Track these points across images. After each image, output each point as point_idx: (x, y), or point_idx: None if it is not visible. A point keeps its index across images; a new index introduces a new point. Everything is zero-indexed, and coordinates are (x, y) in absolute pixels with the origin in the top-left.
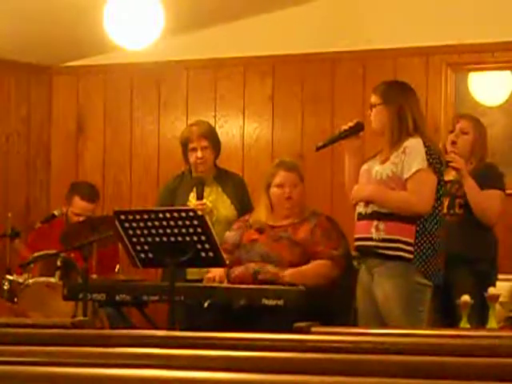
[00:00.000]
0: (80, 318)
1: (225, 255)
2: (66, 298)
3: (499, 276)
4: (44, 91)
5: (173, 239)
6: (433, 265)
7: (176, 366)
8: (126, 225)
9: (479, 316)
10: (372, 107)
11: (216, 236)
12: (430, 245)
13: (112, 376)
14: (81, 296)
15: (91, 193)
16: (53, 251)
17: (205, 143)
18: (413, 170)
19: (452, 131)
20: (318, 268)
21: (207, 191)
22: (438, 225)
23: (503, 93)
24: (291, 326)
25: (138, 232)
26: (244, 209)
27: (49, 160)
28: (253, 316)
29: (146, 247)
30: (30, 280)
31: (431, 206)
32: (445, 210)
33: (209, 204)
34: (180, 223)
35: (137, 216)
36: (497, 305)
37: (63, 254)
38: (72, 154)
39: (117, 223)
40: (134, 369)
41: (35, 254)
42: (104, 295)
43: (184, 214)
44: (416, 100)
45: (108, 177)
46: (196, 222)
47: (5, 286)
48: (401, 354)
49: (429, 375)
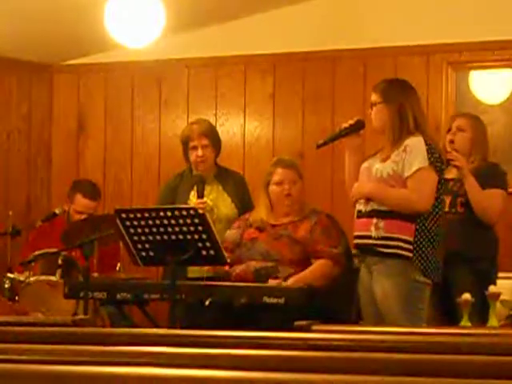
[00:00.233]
0: (81, 317)
1: (226, 253)
2: (67, 297)
3: (500, 274)
4: (45, 89)
5: (174, 237)
6: (432, 263)
7: (177, 365)
8: (127, 223)
9: (480, 314)
10: (372, 106)
11: (217, 234)
12: (430, 243)
13: (113, 374)
14: (82, 294)
15: (93, 191)
16: (54, 249)
17: (205, 142)
18: (413, 169)
19: (449, 130)
20: (319, 270)
21: (208, 189)
22: (438, 223)
23: (504, 91)
24: (292, 324)
25: (139, 230)
26: (244, 207)
27: (50, 158)
28: (254, 314)
29: (147, 245)
30: (31, 278)
31: (431, 205)
32: (446, 209)
33: (209, 202)
34: (181, 221)
35: (138, 214)
36: (497, 303)
37: (64, 253)
38: (73, 153)
39: (118, 221)
40: (135, 367)
41: (36, 253)
42: (105, 293)
43: (185, 213)
44: (417, 98)
45: (109, 175)
46: (197, 221)
47: (6, 285)
48: (402, 352)
49: (429, 373)
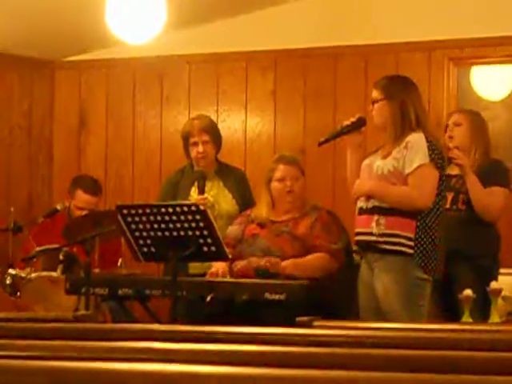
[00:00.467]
0: (82, 312)
1: (227, 249)
2: (69, 292)
3: (502, 270)
4: (46, 85)
5: (175, 234)
6: (433, 260)
7: (178, 360)
8: (129, 219)
9: (481, 311)
10: (374, 102)
11: (218, 230)
12: (431, 240)
13: (114, 370)
14: (83, 290)
15: (94, 186)
16: (55, 245)
17: (206, 137)
18: (414, 166)
19: (446, 128)
20: (316, 260)
21: (208, 186)
22: (439, 220)
23: (506, 87)
24: (293, 320)
25: (141, 226)
26: (245, 203)
27: (51, 154)
28: (255, 310)
29: (149, 241)
30: (33, 274)
31: (432, 202)
32: (448, 205)
33: (210, 199)
34: (182, 218)
35: (139, 210)
36: (499, 299)
37: (66, 249)
38: (74, 149)
39: (119, 217)
40: (137, 363)
41: (37, 249)
42: (106, 289)
43: (186, 209)
44: (418, 94)
45: (110, 171)
46: (198, 217)
47: (7, 281)
48: (403, 349)
49: (431, 369)
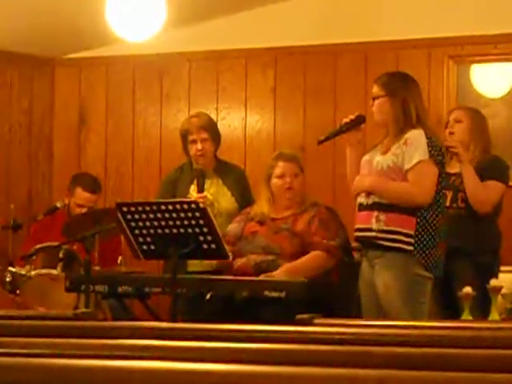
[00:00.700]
0: (82, 310)
1: (227, 247)
2: (69, 290)
3: (502, 268)
4: (46, 83)
5: (175, 231)
6: (433, 256)
7: (178, 358)
8: (129, 217)
9: (481, 308)
10: (374, 99)
11: (218, 228)
12: (431, 236)
13: (114, 367)
14: (83, 288)
15: (93, 184)
16: (55, 243)
17: (204, 135)
18: (414, 162)
19: (447, 124)
20: (312, 260)
21: (208, 183)
22: (439, 217)
23: (505, 84)
24: (293, 318)
25: (141, 224)
26: (245, 201)
27: (51, 152)
28: (255, 308)
29: (149, 239)
30: (33, 272)
31: (431, 198)
32: (447, 204)
33: (209, 197)
34: (182, 215)
35: (139, 208)
36: (499, 297)
37: (65, 246)
38: (74, 146)
39: (119, 215)
40: (137, 360)
41: (37, 246)
42: (106, 287)
43: (186, 206)
44: (419, 91)
45: (110, 169)
46: (198, 214)
47: (7, 278)
48: (403, 346)
49: (430, 367)
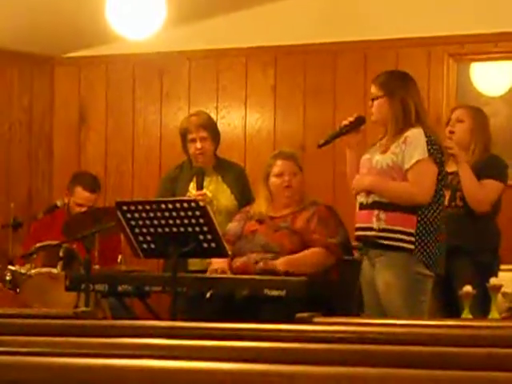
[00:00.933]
0: (82, 309)
1: (227, 246)
2: (69, 289)
3: (501, 267)
4: (46, 81)
5: (175, 230)
6: (434, 255)
7: (178, 357)
8: (128, 215)
9: (481, 307)
10: (373, 99)
11: (218, 227)
12: (431, 235)
13: (114, 366)
14: (83, 287)
15: (93, 183)
16: (55, 242)
17: (204, 134)
18: (413, 161)
19: (448, 122)
20: (311, 256)
21: (207, 181)
22: (440, 215)
23: (505, 83)
24: (293, 317)
25: (140, 223)
26: (244, 199)
27: (51, 150)
28: (255, 306)
29: (149, 238)
30: (33, 271)
31: (431, 197)
32: (446, 203)
33: (209, 194)
34: (182, 214)
35: (139, 207)
36: (499, 295)
37: (65, 245)
38: (74, 145)
39: (119, 214)
40: (137, 359)
41: (37, 245)
42: (106, 286)
43: (186, 205)
44: (417, 90)
45: (110, 167)
46: (198, 213)
47: (7, 277)
48: (403, 345)
49: (430, 365)
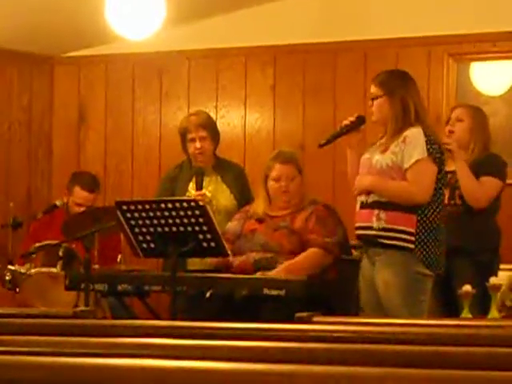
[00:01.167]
0: (82, 308)
1: (227, 245)
2: (68, 288)
3: (502, 266)
4: (46, 81)
5: (175, 229)
6: (434, 254)
7: (178, 356)
8: (128, 215)
9: (481, 306)
10: (373, 99)
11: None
12: (431, 234)
13: (114, 366)
14: (83, 286)
15: (92, 183)
16: (55, 241)
17: (203, 133)
18: (412, 160)
19: (448, 121)
20: (309, 257)
21: (206, 181)
22: (440, 214)
23: (505, 82)
24: (293, 316)
25: (140, 222)
26: (244, 199)
27: (50, 150)
28: (254, 306)
29: (148, 237)
30: (32, 270)
31: (430, 196)
32: (446, 201)
33: (208, 194)
34: (182, 213)
35: (138, 206)
36: (498, 295)
37: (65, 245)
38: (74, 144)
39: (118, 213)
40: (136, 359)
41: (37, 245)
42: (106, 285)
43: (186, 205)
44: (416, 89)
45: (109, 167)
46: (198, 213)
47: (7, 277)
48: (402, 344)
49: (430, 365)
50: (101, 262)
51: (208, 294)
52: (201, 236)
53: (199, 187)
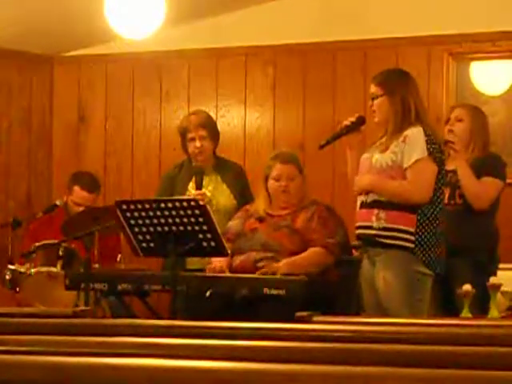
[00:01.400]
0: (82, 308)
1: (227, 244)
2: (68, 288)
3: (501, 265)
4: (45, 81)
5: (174, 229)
6: (434, 254)
7: (178, 356)
8: (128, 214)
9: (481, 305)
10: (374, 99)
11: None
12: (432, 234)
13: (114, 365)
14: (83, 286)
15: (92, 183)
16: (55, 241)
17: (203, 133)
18: (412, 160)
19: (448, 121)
20: (311, 256)
21: (206, 180)
22: (439, 214)
23: (505, 82)
24: (293, 316)
25: (140, 222)
26: (243, 198)
27: (50, 149)
28: (255, 305)
29: (148, 237)
30: (32, 270)
31: (429, 196)
32: (446, 201)
33: (208, 194)
34: (182, 213)
35: (138, 206)
36: (498, 294)
37: (65, 244)
38: (73, 144)
39: (118, 213)
40: (136, 358)
41: (37, 244)
42: (106, 285)
43: (186, 204)
44: (416, 88)
45: (109, 166)
46: (198, 212)
47: (7, 276)
48: (402, 343)
49: (430, 364)
50: (101, 262)
51: (208, 294)
52: (201, 235)
53: (199, 187)
